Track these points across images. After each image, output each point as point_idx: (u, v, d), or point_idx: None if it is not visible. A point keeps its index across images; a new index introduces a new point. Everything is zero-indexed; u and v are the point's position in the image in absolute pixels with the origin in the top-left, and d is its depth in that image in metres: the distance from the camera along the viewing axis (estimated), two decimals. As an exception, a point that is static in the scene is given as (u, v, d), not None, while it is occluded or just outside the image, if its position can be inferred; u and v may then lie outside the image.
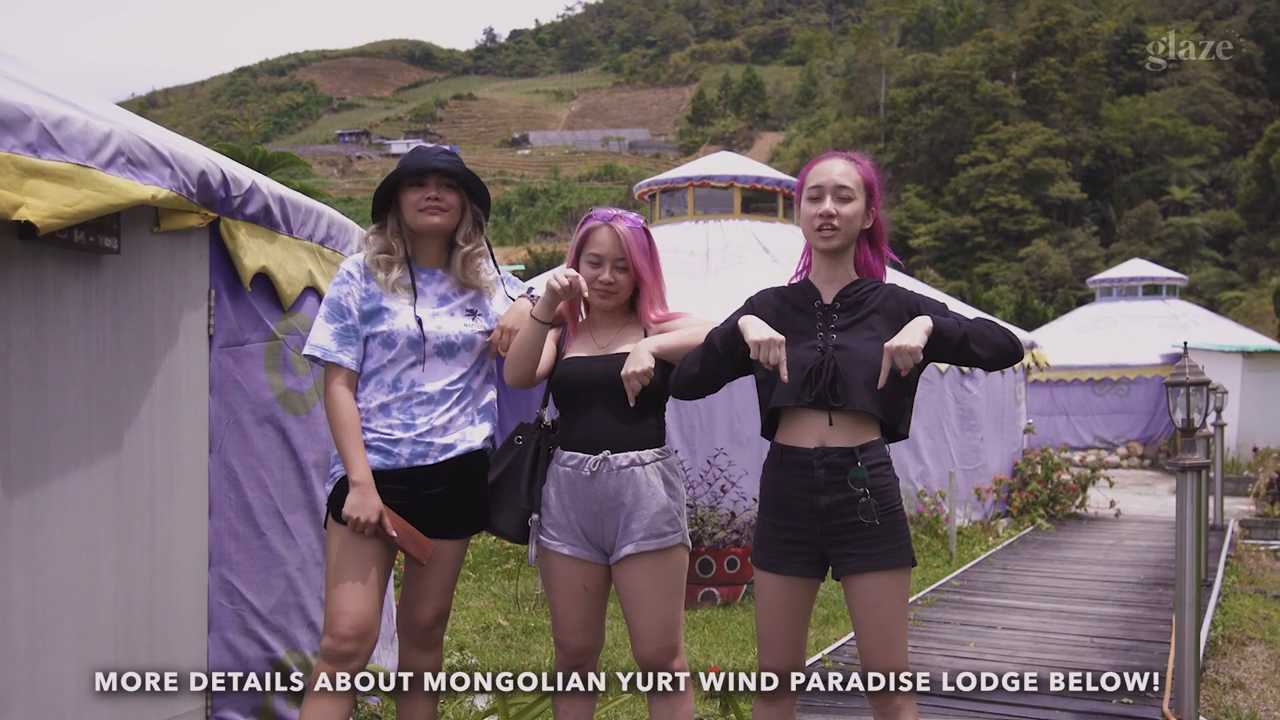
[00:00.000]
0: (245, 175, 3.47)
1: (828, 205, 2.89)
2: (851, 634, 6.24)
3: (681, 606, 3.22)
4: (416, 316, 3.12)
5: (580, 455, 3.11)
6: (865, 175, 2.96)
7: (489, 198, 3.31)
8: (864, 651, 2.91)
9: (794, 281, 3.10)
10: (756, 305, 3.02)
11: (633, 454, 3.11)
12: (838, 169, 2.94)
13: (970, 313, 3.68)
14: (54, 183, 2.57)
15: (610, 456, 3.10)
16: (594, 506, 3.12)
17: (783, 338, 2.80)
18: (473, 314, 3.24)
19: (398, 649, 3.40)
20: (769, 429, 3.01)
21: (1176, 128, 53.09)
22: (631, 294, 3.23)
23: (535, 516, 3.17)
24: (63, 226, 2.59)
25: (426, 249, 3.23)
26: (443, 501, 3.15)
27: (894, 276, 6.44)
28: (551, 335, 3.25)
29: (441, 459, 3.13)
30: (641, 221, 3.24)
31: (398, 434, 3.10)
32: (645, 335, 3.20)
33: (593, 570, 3.18)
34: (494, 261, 3.35)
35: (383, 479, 3.07)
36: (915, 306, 2.92)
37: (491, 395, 3.32)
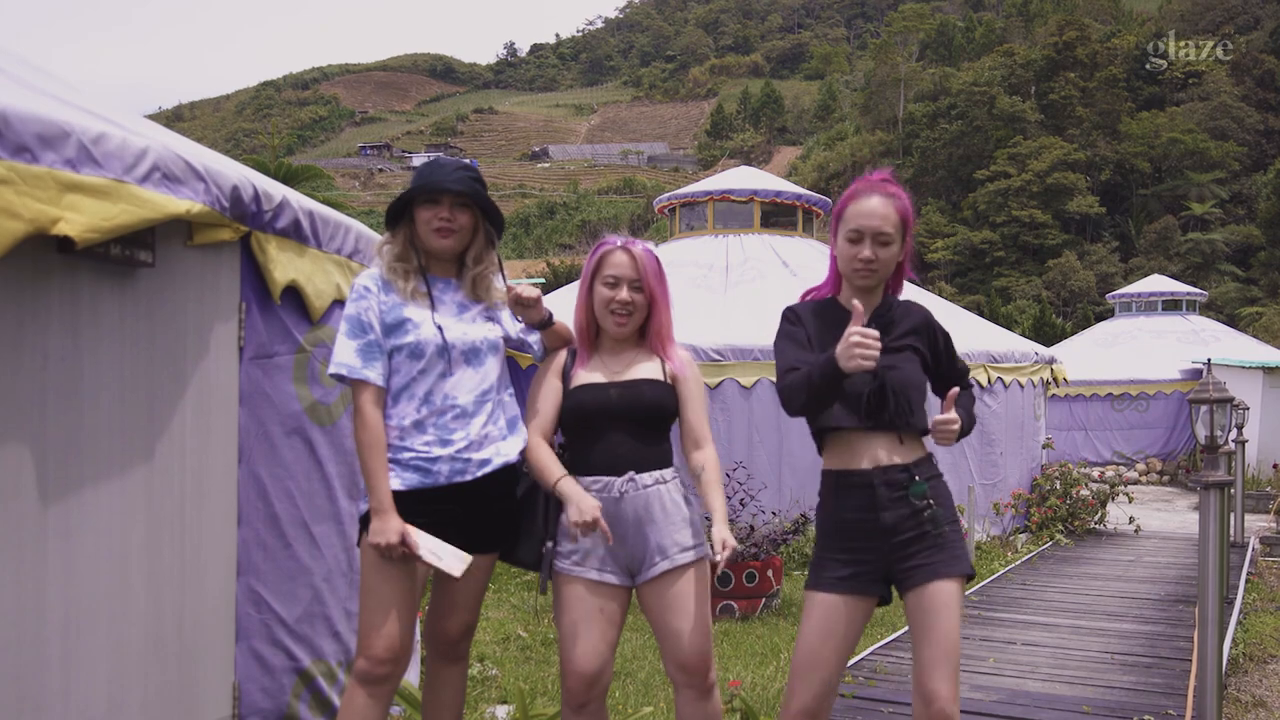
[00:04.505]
0: (276, 190, 3.51)
1: (867, 252, 2.93)
2: (871, 648, 6.24)
3: (710, 616, 3.26)
4: (437, 325, 3.10)
5: (604, 478, 3.14)
6: (902, 212, 2.97)
7: (503, 218, 3.30)
8: (923, 664, 2.86)
9: (817, 297, 3.14)
10: (798, 319, 3.08)
11: (655, 473, 3.17)
12: (878, 211, 2.93)
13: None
14: (92, 197, 2.60)
15: (636, 476, 3.14)
16: (621, 527, 3.13)
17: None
18: (491, 320, 3.24)
19: (424, 660, 3.42)
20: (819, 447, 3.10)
21: (1196, 143, 52.87)
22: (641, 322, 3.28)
23: (550, 544, 3.18)
24: (100, 240, 2.61)
25: (440, 261, 3.23)
26: (478, 516, 3.15)
27: (909, 290, 6.35)
28: (554, 370, 3.29)
29: (479, 474, 3.11)
30: (652, 247, 3.30)
31: (435, 451, 3.07)
32: (660, 364, 3.25)
33: (613, 593, 3.19)
34: (503, 277, 3.34)
35: (422, 498, 3.05)
36: (945, 336, 3.10)
37: (516, 406, 3.32)
